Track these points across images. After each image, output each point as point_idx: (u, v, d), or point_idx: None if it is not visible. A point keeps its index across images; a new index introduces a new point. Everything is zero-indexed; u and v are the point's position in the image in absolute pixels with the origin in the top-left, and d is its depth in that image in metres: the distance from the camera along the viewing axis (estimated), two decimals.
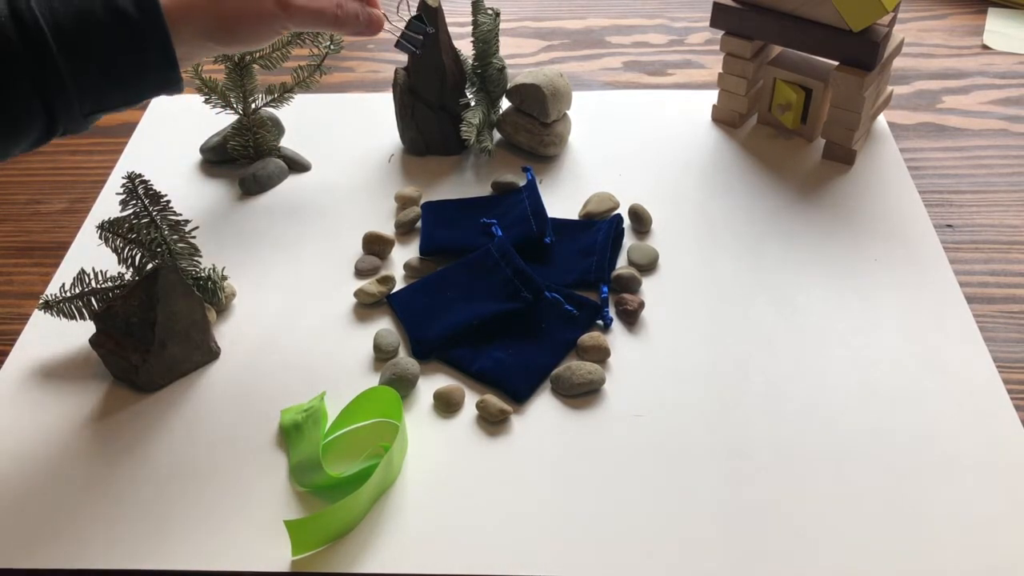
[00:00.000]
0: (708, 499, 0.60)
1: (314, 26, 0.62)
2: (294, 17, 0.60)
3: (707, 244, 0.78)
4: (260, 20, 0.59)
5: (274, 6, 0.59)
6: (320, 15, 0.61)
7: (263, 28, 0.59)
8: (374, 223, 0.81)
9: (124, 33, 0.54)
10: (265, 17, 0.59)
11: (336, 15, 0.62)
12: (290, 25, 0.60)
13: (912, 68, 1.00)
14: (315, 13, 0.61)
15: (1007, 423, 0.64)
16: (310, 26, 0.62)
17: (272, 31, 0.60)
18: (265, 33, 0.60)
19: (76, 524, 0.60)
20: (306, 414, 0.64)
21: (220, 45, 0.59)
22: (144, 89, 0.57)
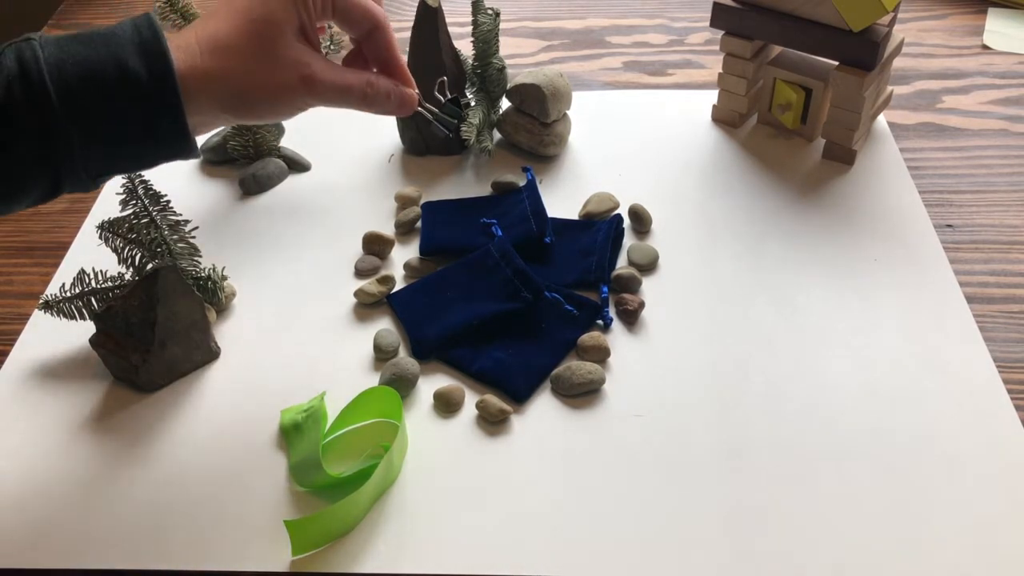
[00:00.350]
0: (708, 499, 0.60)
1: (340, 104, 0.57)
2: (319, 95, 0.55)
3: (707, 244, 0.78)
4: (281, 96, 0.54)
5: (298, 82, 0.54)
6: (347, 92, 0.56)
7: (283, 104, 0.55)
8: (374, 223, 0.81)
9: (134, 99, 0.50)
10: (286, 93, 0.54)
11: (365, 93, 0.57)
12: (313, 102, 0.56)
13: (912, 68, 1.00)
14: (342, 90, 0.56)
15: (1007, 423, 0.64)
16: (336, 104, 0.57)
17: (293, 107, 0.56)
18: (285, 109, 0.56)
19: (76, 524, 0.60)
20: (306, 414, 0.64)
21: (236, 117, 0.55)
22: (155, 156, 0.54)
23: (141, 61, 0.49)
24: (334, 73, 0.55)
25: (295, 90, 0.54)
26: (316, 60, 0.55)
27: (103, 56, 0.49)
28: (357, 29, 0.58)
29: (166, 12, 0.78)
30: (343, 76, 0.56)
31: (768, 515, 0.59)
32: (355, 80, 0.57)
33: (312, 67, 0.54)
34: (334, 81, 0.55)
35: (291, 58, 0.53)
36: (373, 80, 0.58)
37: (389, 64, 0.59)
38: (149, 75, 0.50)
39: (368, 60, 0.60)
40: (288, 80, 0.54)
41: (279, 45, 0.53)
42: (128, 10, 1.16)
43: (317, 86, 0.54)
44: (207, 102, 0.52)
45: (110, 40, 0.50)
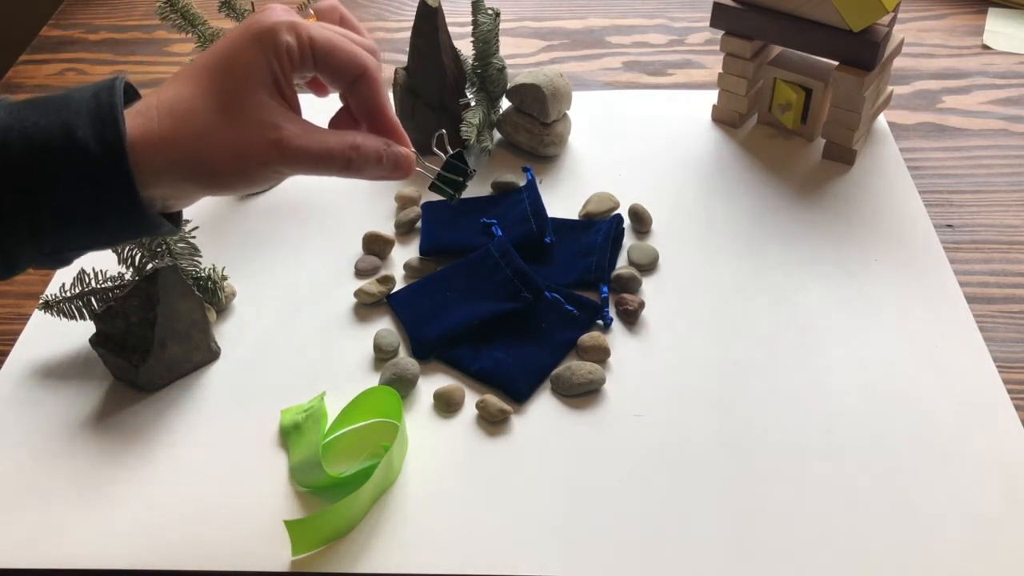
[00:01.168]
0: (708, 498, 0.60)
1: (321, 172, 0.49)
2: (293, 162, 0.47)
3: (707, 244, 0.78)
4: (247, 162, 0.47)
5: (267, 147, 0.46)
6: (327, 159, 0.48)
7: (252, 172, 0.47)
8: (374, 223, 0.81)
9: (82, 170, 0.44)
10: (254, 159, 0.47)
11: (349, 159, 0.49)
12: (287, 171, 0.48)
13: (912, 68, 1.00)
14: (320, 157, 0.48)
15: (1007, 423, 0.64)
16: (314, 172, 0.49)
17: (264, 176, 0.48)
18: (256, 178, 0.48)
19: (76, 524, 0.60)
20: (306, 414, 0.64)
21: (201, 187, 0.48)
22: (118, 232, 0.47)
23: (92, 130, 0.44)
24: (311, 137, 0.48)
25: (264, 156, 0.47)
26: (290, 122, 0.47)
27: (53, 123, 0.44)
28: (342, 80, 0.50)
29: (166, 12, 0.78)
30: (322, 140, 0.48)
31: (768, 515, 0.59)
32: (336, 144, 0.49)
33: (284, 130, 0.47)
34: (310, 147, 0.48)
35: (259, 119, 0.46)
36: (359, 142, 0.49)
37: (377, 119, 0.52)
38: (98, 144, 0.44)
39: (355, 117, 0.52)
40: (255, 144, 0.46)
41: (246, 104, 0.46)
42: (128, 10, 1.16)
43: (289, 152, 0.47)
44: (166, 171, 0.46)
45: (64, 106, 0.45)
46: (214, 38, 0.79)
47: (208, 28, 0.79)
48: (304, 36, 0.47)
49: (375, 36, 1.10)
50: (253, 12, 0.79)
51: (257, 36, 0.46)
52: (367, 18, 1.14)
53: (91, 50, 1.09)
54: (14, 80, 1.04)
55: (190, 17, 0.79)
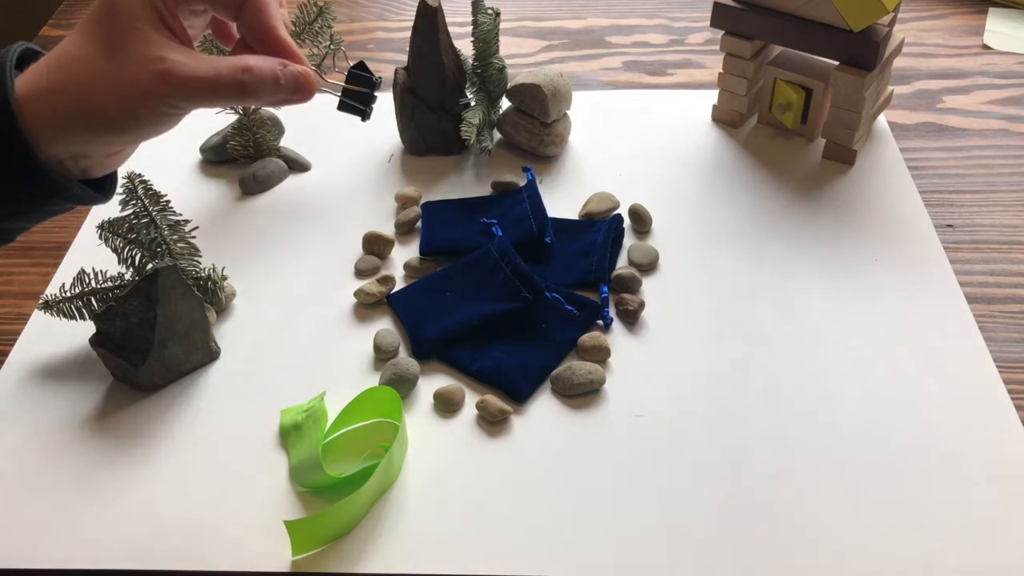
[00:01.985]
0: (708, 499, 0.60)
1: (215, 101, 0.47)
2: (181, 92, 0.46)
3: (707, 244, 0.78)
4: (134, 99, 0.45)
5: (151, 79, 0.45)
6: (216, 84, 0.46)
7: (144, 109, 0.46)
8: (374, 223, 0.81)
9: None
10: (140, 94, 0.45)
11: (242, 81, 0.46)
12: (180, 103, 0.46)
13: (912, 68, 1.00)
14: (210, 82, 0.46)
15: (1007, 423, 0.64)
16: (209, 101, 0.47)
17: (159, 115, 0.46)
18: (150, 118, 0.46)
19: (76, 524, 0.60)
20: (306, 414, 0.64)
21: (100, 135, 0.46)
22: (25, 199, 0.46)
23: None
24: (198, 64, 0.46)
25: (151, 89, 0.45)
26: (176, 52, 0.46)
27: None
28: (229, 5, 0.49)
29: None
30: (211, 65, 0.46)
31: (768, 515, 0.59)
32: (227, 67, 0.46)
33: (168, 60, 0.45)
34: (197, 73, 0.46)
35: (143, 53, 0.45)
36: (251, 64, 0.47)
37: (268, 41, 0.49)
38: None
39: (250, 44, 0.50)
40: (140, 79, 0.45)
41: (128, 41, 0.45)
42: None
43: (176, 80, 0.45)
44: (59, 124, 0.45)
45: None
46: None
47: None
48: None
49: (375, 36, 1.10)
50: None
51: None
52: (367, 18, 1.14)
53: None
54: None
55: None
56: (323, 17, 0.80)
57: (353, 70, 0.53)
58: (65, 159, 0.47)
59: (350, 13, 1.15)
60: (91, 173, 0.48)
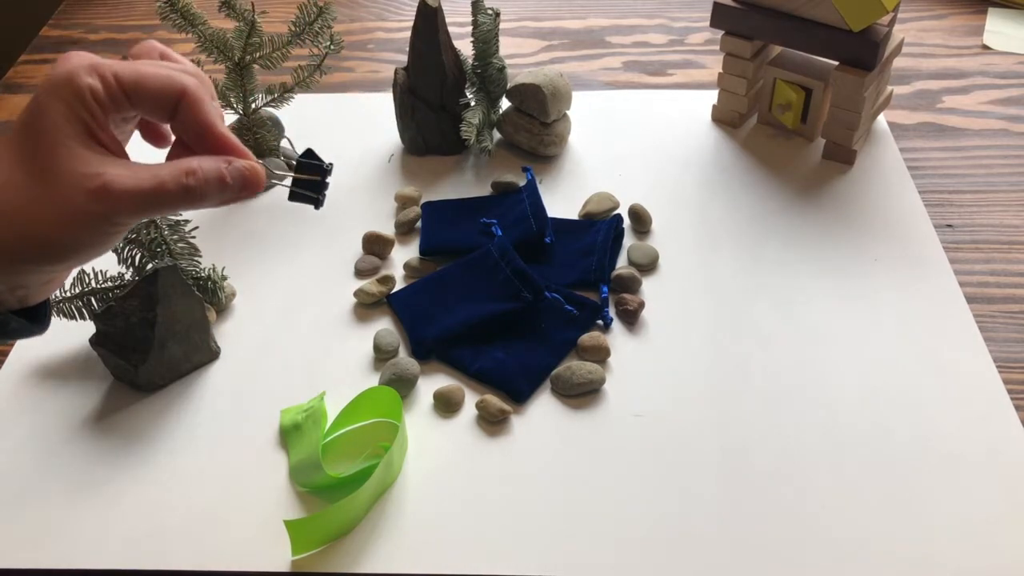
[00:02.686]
0: (708, 499, 0.60)
1: (160, 209, 0.44)
2: (123, 206, 0.42)
3: (707, 244, 0.78)
4: (74, 222, 0.42)
5: (91, 198, 0.42)
6: (161, 192, 0.43)
7: (86, 231, 0.43)
8: (374, 223, 0.81)
9: None
10: (82, 215, 0.42)
11: (187, 186, 0.44)
12: (123, 219, 0.43)
13: (912, 68, 1.00)
14: (153, 192, 0.43)
15: (1007, 423, 0.64)
16: (154, 211, 0.44)
17: (103, 234, 0.44)
18: (93, 236, 0.43)
19: (76, 524, 0.60)
20: (306, 414, 0.64)
21: (42, 264, 0.43)
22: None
23: None
24: (138, 174, 0.43)
25: (91, 208, 0.42)
26: (112, 165, 0.43)
27: None
28: (163, 108, 0.45)
29: (166, 12, 0.78)
30: (152, 174, 0.43)
31: (768, 515, 0.59)
32: (169, 173, 0.43)
33: (105, 175, 0.42)
34: (138, 185, 0.42)
35: (75, 171, 0.42)
36: (195, 166, 0.44)
37: (208, 139, 0.46)
38: None
39: (188, 144, 0.47)
40: (77, 199, 0.42)
41: (58, 160, 0.42)
42: (128, 10, 1.16)
43: (116, 195, 0.42)
44: None
45: None
46: (214, 38, 0.79)
47: (208, 28, 0.79)
48: (107, 74, 0.43)
49: (375, 36, 1.10)
50: (252, 12, 0.79)
51: (55, 88, 0.42)
52: (367, 18, 1.14)
53: (91, 50, 1.08)
54: (14, 80, 1.04)
55: (190, 17, 0.79)
56: (323, 17, 0.80)
57: (302, 159, 0.51)
58: (2, 292, 0.44)
59: (350, 13, 1.15)
60: (28, 302, 0.46)
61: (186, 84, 0.45)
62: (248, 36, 0.80)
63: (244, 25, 0.80)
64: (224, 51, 0.80)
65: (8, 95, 1.01)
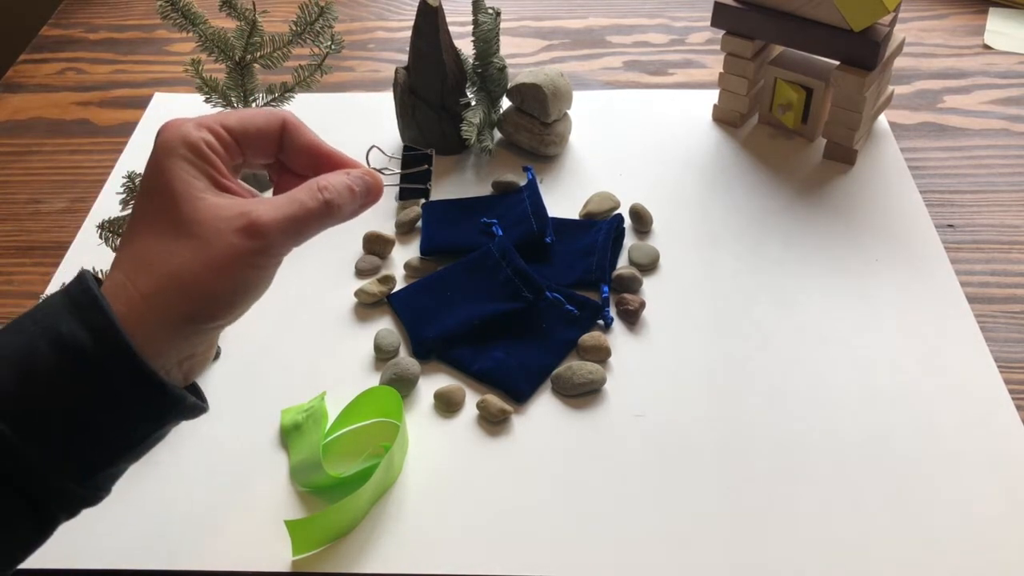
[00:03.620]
0: (708, 499, 0.60)
1: (306, 234, 0.45)
2: (273, 238, 0.43)
3: (708, 244, 0.78)
4: (232, 268, 0.43)
5: (240, 238, 0.42)
6: (305, 215, 0.44)
7: (243, 273, 0.43)
8: (374, 223, 0.81)
9: (79, 368, 0.39)
10: (236, 260, 0.42)
11: (327, 201, 0.45)
12: (276, 250, 0.44)
13: (913, 68, 1.00)
14: (298, 216, 0.44)
15: (1007, 423, 0.64)
16: (302, 237, 0.45)
17: (259, 270, 0.44)
18: (251, 278, 0.44)
19: (76, 524, 0.59)
20: (306, 414, 0.64)
21: (208, 321, 0.43)
22: (140, 425, 0.42)
23: (76, 322, 0.40)
24: (279, 204, 0.44)
25: (243, 248, 0.42)
26: (249, 204, 0.43)
27: (34, 334, 0.40)
28: (271, 140, 0.47)
29: (167, 11, 0.78)
30: (289, 198, 0.44)
31: (768, 515, 0.59)
32: (306, 195, 0.45)
33: (249, 213, 0.43)
34: (282, 212, 0.43)
35: (219, 218, 0.42)
36: (323, 184, 0.45)
37: (320, 156, 0.48)
38: (89, 333, 0.39)
39: (297, 172, 0.48)
40: (228, 245, 0.42)
41: (199, 215, 0.42)
42: (128, 9, 1.16)
43: (264, 228, 0.43)
44: (165, 329, 0.41)
45: (40, 313, 0.41)
46: (215, 38, 0.79)
47: (209, 27, 0.79)
48: (214, 125, 0.45)
49: (375, 36, 1.10)
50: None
51: (171, 149, 0.43)
52: (368, 18, 1.14)
53: (91, 49, 1.09)
54: (14, 80, 1.04)
55: (191, 16, 0.79)
56: (324, 17, 0.80)
57: (406, 153, 0.54)
58: (172, 367, 0.43)
59: (351, 13, 1.15)
60: (192, 375, 0.45)
61: (284, 114, 0.47)
62: (249, 36, 0.80)
63: (245, 24, 0.80)
64: (225, 50, 0.80)
65: (8, 95, 1.01)
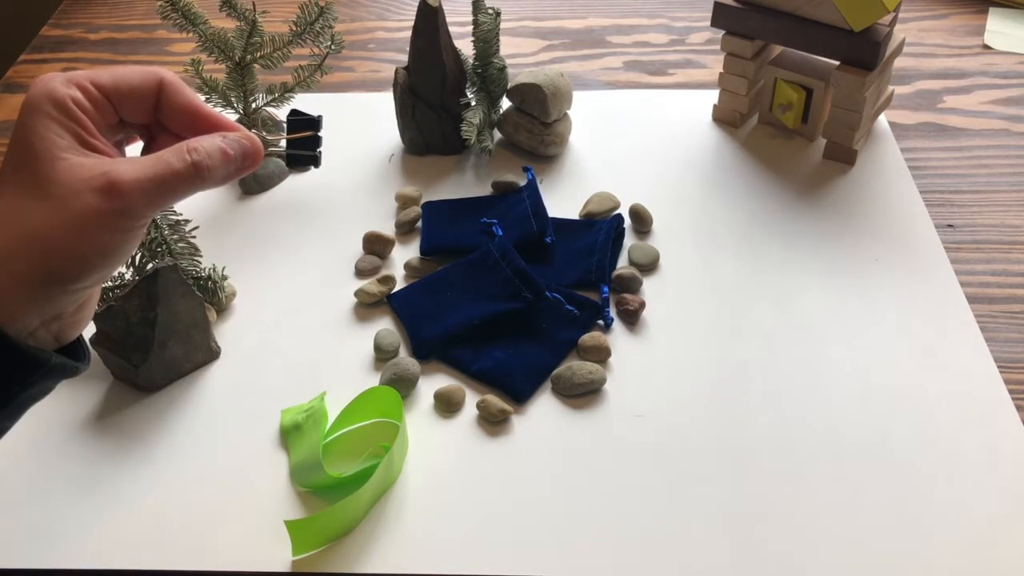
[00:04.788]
0: (708, 499, 0.60)
1: (173, 195, 0.43)
2: (135, 198, 0.41)
3: (708, 244, 0.78)
4: (88, 228, 0.41)
5: (98, 198, 0.41)
6: (170, 175, 0.43)
7: (102, 234, 0.42)
8: (374, 223, 0.81)
9: None
10: (92, 220, 0.41)
11: (195, 163, 0.43)
12: (138, 211, 0.42)
13: (913, 68, 1.00)
14: (163, 177, 0.42)
15: (1007, 423, 0.64)
16: (167, 198, 0.43)
17: (120, 232, 0.42)
18: (112, 239, 0.42)
19: (76, 524, 0.60)
20: (306, 414, 0.64)
21: (67, 283, 0.41)
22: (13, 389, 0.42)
23: None
24: (142, 163, 0.42)
25: (102, 208, 0.41)
26: (111, 164, 0.42)
27: None
28: (146, 100, 0.46)
29: (167, 11, 0.78)
30: (155, 159, 0.43)
31: (768, 515, 0.59)
32: (172, 157, 0.43)
33: (110, 172, 0.41)
34: (145, 172, 0.42)
35: (78, 178, 0.41)
36: (193, 145, 0.44)
37: (199, 118, 0.46)
38: None
39: (176, 133, 0.47)
40: (85, 205, 0.41)
41: (59, 174, 0.41)
42: (128, 9, 1.16)
43: (126, 188, 0.41)
44: (21, 290, 0.40)
45: None
46: (215, 38, 0.79)
47: (209, 28, 0.79)
48: (84, 82, 0.43)
49: (375, 36, 1.10)
50: (253, 15, 0.78)
51: (36, 106, 0.42)
52: (367, 18, 1.14)
53: (91, 50, 1.09)
54: (14, 80, 1.04)
55: (191, 16, 0.79)
56: (324, 17, 0.80)
57: (291, 118, 0.51)
58: (37, 328, 0.42)
59: (350, 13, 1.15)
60: (65, 336, 0.45)
61: (161, 72, 0.45)
62: (249, 36, 0.80)
63: (245, 25, 0.80)
64: (225, 51, 0.80)
65: (8, 95, 1.01)
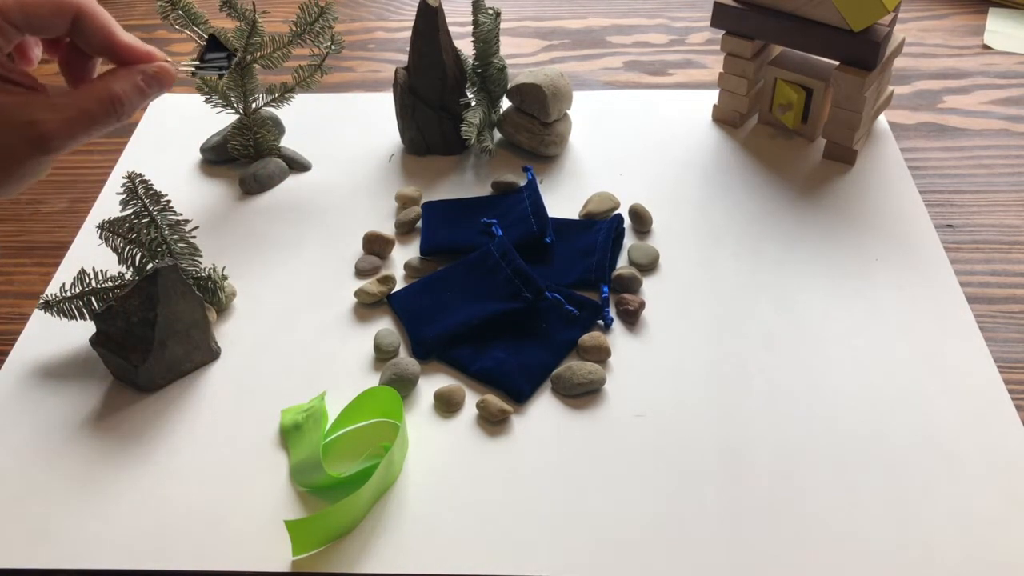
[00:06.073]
0: (708, 499, 0.60)
1: (89, 135, 0.46)
2: (58, 145, 0.45)
3: (708, 244, 0.78)
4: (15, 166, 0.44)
5: (30, 148, 0.44)
6: (90, 123, 0.46)
7: (27, 171, 0.45)
8: (374, 223, 0.81)
9: None
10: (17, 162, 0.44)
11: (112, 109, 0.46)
12: (60, 153, 0.46)
13: (913, 68, 1.00)
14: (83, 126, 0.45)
15: (1007, 423, 0.64)
16: (84, 139, 0.46)
17: (40, 164, 0.46)
18: (28, 171, 0.46)
19: (76, 524, 0.60)
20: (306, 414, 0.64)
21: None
22: None
23: None
24: (65, 111, 0.45)
25: (25, 156, 0.44)
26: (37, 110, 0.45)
27: None
28: (57, 26, 0.47)
29: (167, 11, 0.78)
30: (76, 104, 0.45)
31: (768, 515, 0.59)
32: (95, 106, 0.46)
33: (39, 123, 0.44)
34: (69, 121, 0.44)
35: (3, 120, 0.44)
36: (116, 91, 0.47)
37: (113, 48, 0.48)
38: None
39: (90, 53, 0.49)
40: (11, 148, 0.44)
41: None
42: (128, 9, 1.16)
43: (53, 139, 0.44)
44: None
45: None
46: None
47: (209, 28, 0.79)
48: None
49: (375, 36, 1.10)
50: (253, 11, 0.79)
51: None
52: (367, 18, 1.14)
53: None
54: None
55: (191, 16, 0.79)
56: (324, 17, 0.80)
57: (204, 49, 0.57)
58: None
59: (350, 13, 1.15)
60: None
61: (79, 1, 0.47)
62: (249, 36, 0.80)
63: (245, 25, 0.80)
64: None
65: None
